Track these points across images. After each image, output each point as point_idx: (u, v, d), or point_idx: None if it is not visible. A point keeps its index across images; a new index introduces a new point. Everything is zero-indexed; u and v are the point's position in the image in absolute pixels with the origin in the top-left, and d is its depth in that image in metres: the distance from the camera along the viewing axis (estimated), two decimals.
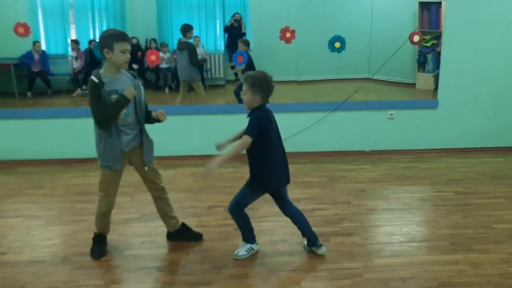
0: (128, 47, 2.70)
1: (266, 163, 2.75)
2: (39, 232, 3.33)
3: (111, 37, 2.66)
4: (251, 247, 2.95)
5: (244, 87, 2.67)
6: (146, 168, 2.92)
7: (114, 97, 2.71)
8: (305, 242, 3.02)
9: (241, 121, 2.86)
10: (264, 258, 2.92)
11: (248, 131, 2.68)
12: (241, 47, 5.83)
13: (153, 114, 2.87)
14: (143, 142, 2.89)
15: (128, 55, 2.70)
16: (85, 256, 2.96)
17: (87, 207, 3.74)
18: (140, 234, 3.28)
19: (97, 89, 2.67)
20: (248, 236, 2.96)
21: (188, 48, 5.83)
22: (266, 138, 2.70)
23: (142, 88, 2.86)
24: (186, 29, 6.11)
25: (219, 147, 2.85)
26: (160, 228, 3.31)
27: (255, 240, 2.98)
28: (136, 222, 3.48)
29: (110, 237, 3.19)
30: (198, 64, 5.86)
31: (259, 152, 2.72)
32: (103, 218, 2.98)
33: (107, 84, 2.71)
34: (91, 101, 2.70)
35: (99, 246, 3.01)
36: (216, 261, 2.89)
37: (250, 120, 2.72)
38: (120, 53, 2.66)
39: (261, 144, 2.69)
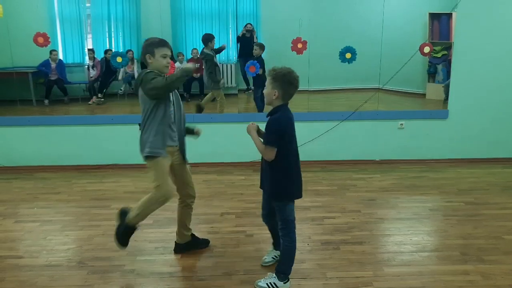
0: (168, 53, 2.80)
1: (283, 170, 2.59)
2: (55, 237, 3.41)
3: (152, 44, 2.78)
4: (275, 284, 2.71)
5: (267, 80, 2.57)
6: (188, 166, 3.02)
7: None
8: (273, 255, 2.99)
9: None
10: (275, 265, 2.95)
11: (267, 141, 2.52)
12: (256, 50, 5.93)
13: (195, 130, 3.09)
14: (180, 144, 2.98)
15: (168, 60, 2.80)
16: (100, 261, 3.03)
17: (102, 213, 3.84)
18: (154, 239, 3.34)
19: (152, 73, 2.70)
20: (284, 268, 2.75)
21: (206, 59, 5.95)
22: (284, 142, 2.53)
23: (178, 93, 2.97)
24: (207, 39, 6.21)
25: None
26: (173, 234, 3.36)
27: (287, 280, 2.73)
28: (150, 228, 3.54)
29: None
30: (213, 80, 5.94)
31: (277, 157, 2.53)
32: (154, 209, 2.88)
33: None
34: (150, 80, 2.64)
35: (128, 237, 2.92)
36: (227, 267, 2.93)
37: (267, 125, 2.54)
38: (161, 58, 2.76)
39: (280, 148, 2.52)
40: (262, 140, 2.62)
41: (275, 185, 2.62)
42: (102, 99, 7.32)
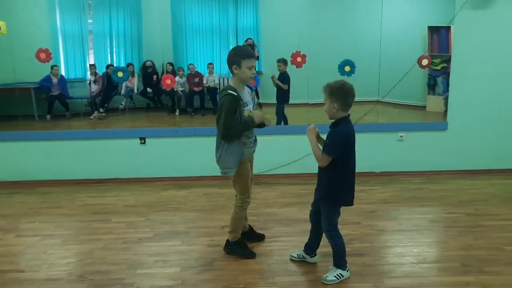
0: (254, 64, 2.89)
1: (339, 177, 2.77)
2: (56, 251, 3.41)
3: (239, 55, 2.85)
4: (341, 274, 2.90)
5: (324, 97, 2.69)
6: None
7: (245, 109, 2.90)
8: (298, 253, 3.17)
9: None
10: (275, 278, 2.95)
11: (329, 151, 2.69)
12: (281, 66, 5.97)
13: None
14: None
15: (253, 71, 2.88)
16: (100, 274, 3.02)
17: (102, 227, 3.84)
18: (154, 253, 3.34)
19: (236, 102, 2.82)
20: (341, 260, 2.93)
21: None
22: (346, 153, 2.73)
23: (255, 99, 3.04)
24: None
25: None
26: (173, 248, 3.38)
27: (346, 266, 2.93)
28: (150, 241, 3.54)
29: (124, 256, 3.27)
30: None
31: (333, 166, 2.72)
32: (242, 218, 3.22)
33: None
34: (226, 113, 2.80)
35: (247, 248, 3.23)
36: (227, 280, 2.92)
37: (332, 136, 2.73)
38: (246, 69, 2.85)
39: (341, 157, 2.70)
40: (319, 145, 2.80)
41: (327, 190, 2.79)
42: (104, 114, 7.39)
